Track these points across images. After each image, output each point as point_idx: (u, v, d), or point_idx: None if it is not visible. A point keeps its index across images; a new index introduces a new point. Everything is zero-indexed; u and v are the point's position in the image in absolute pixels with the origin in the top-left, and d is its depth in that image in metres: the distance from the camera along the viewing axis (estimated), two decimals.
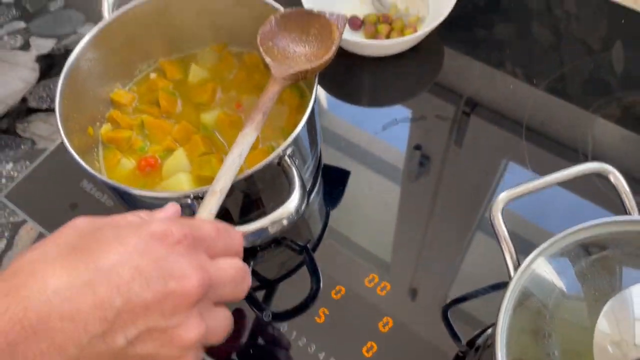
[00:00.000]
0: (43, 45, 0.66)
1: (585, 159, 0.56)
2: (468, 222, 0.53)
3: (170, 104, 0.54)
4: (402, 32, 0.62)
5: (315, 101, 0.45)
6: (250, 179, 0.42)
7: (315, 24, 0.48)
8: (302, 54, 0.47)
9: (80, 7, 0.69)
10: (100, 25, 0.50)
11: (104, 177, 0.43)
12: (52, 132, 0.60)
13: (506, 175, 0.56)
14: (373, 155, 0.58)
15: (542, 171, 0.54)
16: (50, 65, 0.64)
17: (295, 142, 0.44)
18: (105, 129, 0.54)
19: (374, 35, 0.63)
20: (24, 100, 0.62)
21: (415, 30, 0.62)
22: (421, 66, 0.63)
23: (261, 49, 0.46)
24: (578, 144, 0.57)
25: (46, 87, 0.63)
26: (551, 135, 0.58)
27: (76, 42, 0.48)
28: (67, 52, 0.65)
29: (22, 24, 0.68)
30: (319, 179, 0.57)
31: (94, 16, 0.68)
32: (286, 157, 0.43)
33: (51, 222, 0.55)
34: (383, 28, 0.62)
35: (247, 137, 0.42)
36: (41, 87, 0.63)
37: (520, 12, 0.67)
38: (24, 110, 0.61)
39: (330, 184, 0.56)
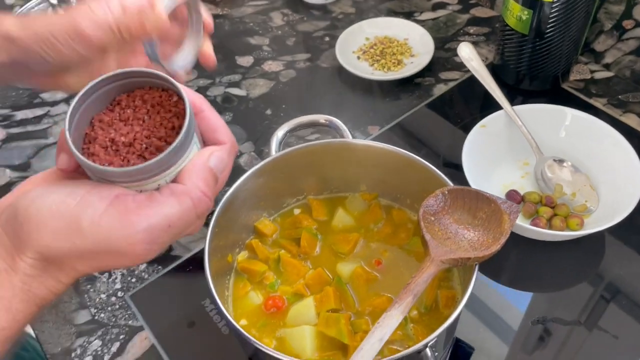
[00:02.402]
0: None
1: None
2: None
3: (310, 246, 0.53)
4: (565, 221, 0.57)
5: (468, 296, 0.41)
6: None
7: (485, 208, 0.44)
8: (465, 238, 0.43)
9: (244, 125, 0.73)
10: (267, 160, 0.51)
11: (234, 323, 0.41)
12: (190, 240, 0.61)
13: None
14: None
15: None
16: None
17: (440, 334, 0.40)
18: (242, 256, 0.53)
19: (533, 215, 0.59)
20: None
21: (582, 221, 0.57)
22: (579, 255, 0.58)
23: (422, 224, 0.44)
24: None
25: None
26: None
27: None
28: None
29: None
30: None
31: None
32: (427, 349, 0.39)
33: (166, 337, 0.54)
34: (545, 211, 0.58)
35: (392, 320, 0.39)
36: None
37: None
38: None
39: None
